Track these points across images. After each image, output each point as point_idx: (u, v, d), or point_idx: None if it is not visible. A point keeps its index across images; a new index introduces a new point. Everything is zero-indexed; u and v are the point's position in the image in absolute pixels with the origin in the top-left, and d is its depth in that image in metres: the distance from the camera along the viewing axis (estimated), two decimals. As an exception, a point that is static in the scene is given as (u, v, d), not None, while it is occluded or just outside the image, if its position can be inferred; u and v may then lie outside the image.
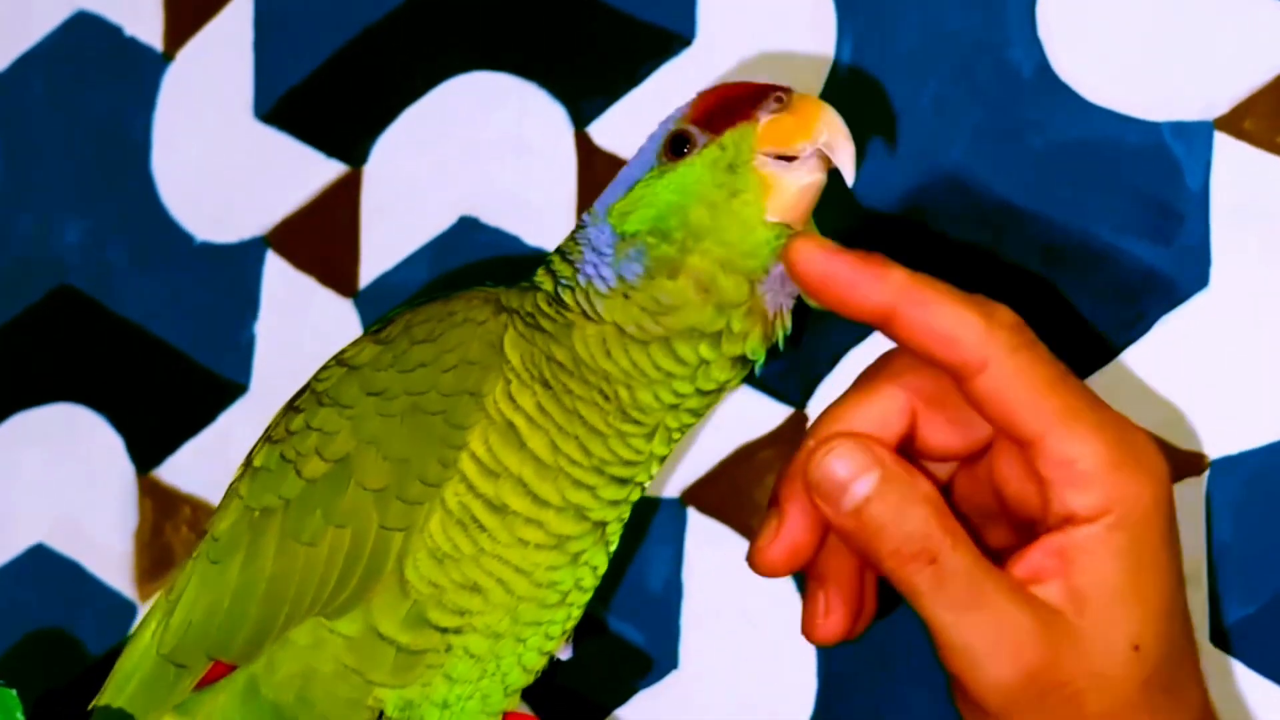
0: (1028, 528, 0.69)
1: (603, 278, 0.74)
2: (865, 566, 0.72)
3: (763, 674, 0.76)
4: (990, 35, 1.01)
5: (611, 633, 1.06)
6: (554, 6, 1.14)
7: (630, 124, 1.10)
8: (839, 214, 1.03)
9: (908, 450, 0.72)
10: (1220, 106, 0.95)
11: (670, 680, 1.04)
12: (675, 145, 0.75)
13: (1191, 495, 0.93)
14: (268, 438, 0.78)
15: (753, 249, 0.71)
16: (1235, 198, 0.95)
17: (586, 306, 0.74)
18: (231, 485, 0.79)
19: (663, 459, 0.78)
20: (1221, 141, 0.95)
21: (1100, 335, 0.97)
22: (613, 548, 0.78)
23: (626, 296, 0.73)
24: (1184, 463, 0.94)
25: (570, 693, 1.04)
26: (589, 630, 1.05)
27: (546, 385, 0.73)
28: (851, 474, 0.67)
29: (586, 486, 0.74)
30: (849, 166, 0.72)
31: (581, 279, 0.75)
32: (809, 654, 0.97)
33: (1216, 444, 0.94)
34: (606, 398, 0.73)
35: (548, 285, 0.77)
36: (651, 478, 0.79)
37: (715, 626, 1.03)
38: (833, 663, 0.98)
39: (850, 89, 1.04)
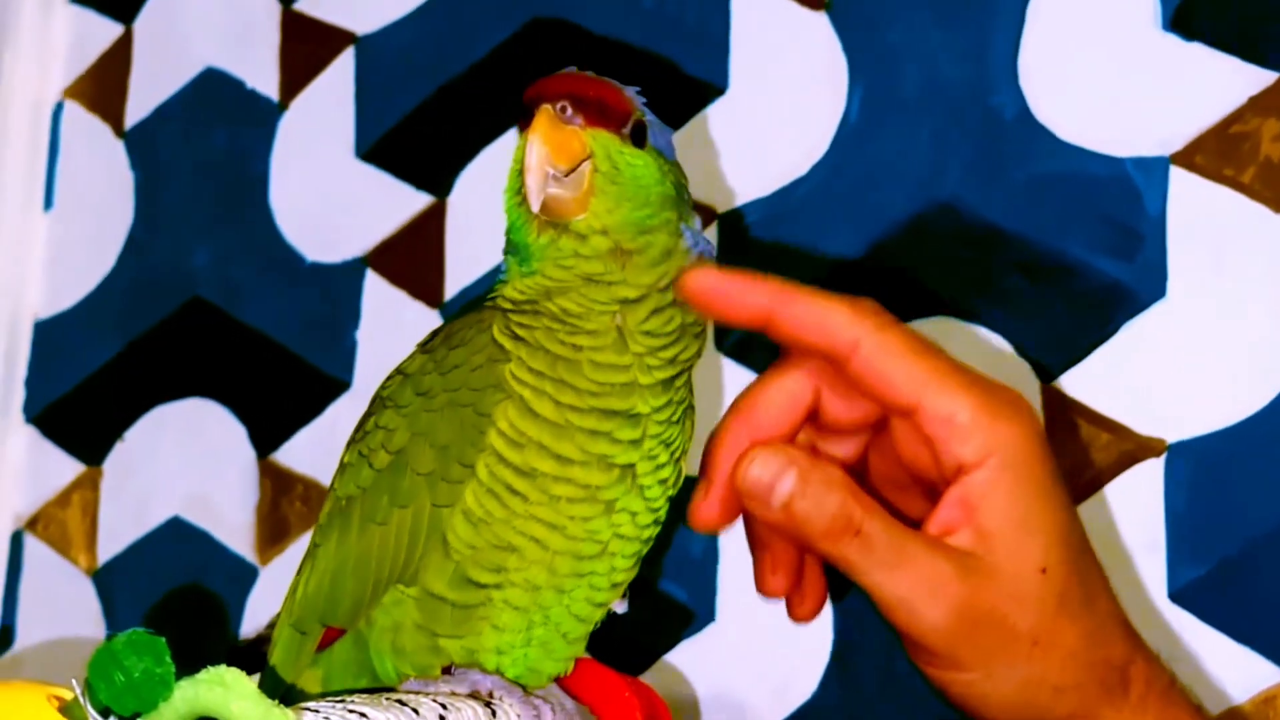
0: (934, 492, 0.68)
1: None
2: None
3: (788, 627, 0.76)
4: (978, 84, 1.01)
5: (659, 591, 1.06)
6: (608, 61, 1.14)
7: (679, 158, 1.11)
8: (848, 241, 1.04)
9: (817, 425, 0.70)
10: (1175, 144, 0.95)
11: (709, 631, 1.05)
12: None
13: (1151, 474, 0.93)
14: (352, 439, 0.79)
15: (525, 246, 0.74)
16: (1188, 221, 0.95)
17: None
18: (331, 482, 0.80)
19: (664, 389, 0.76)
20: (1176, 174, 0.95)
21: (1073, 338, 0.97)
22: (652, 494, 0.76)
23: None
24: (1145, 446, 0.94)
25: (626, 640, 1.05)
26: (641, 590, 1.06)
27: (520, 340, 0.73)
28: (774, 476, 0.65)
29: (602, 433, 0.73)
30: (532, 197, 0.71)
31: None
32: (827, 611, 0.97)
33: (1173, 430, 0.93)
34: (556, 320, 0.73)
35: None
36: (666, 410, 0.76)
37: (747, 587, 1.03)
38: (846, 616, 0.99)
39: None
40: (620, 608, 0.77)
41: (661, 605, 1.06)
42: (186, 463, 1.28)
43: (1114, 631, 0.67)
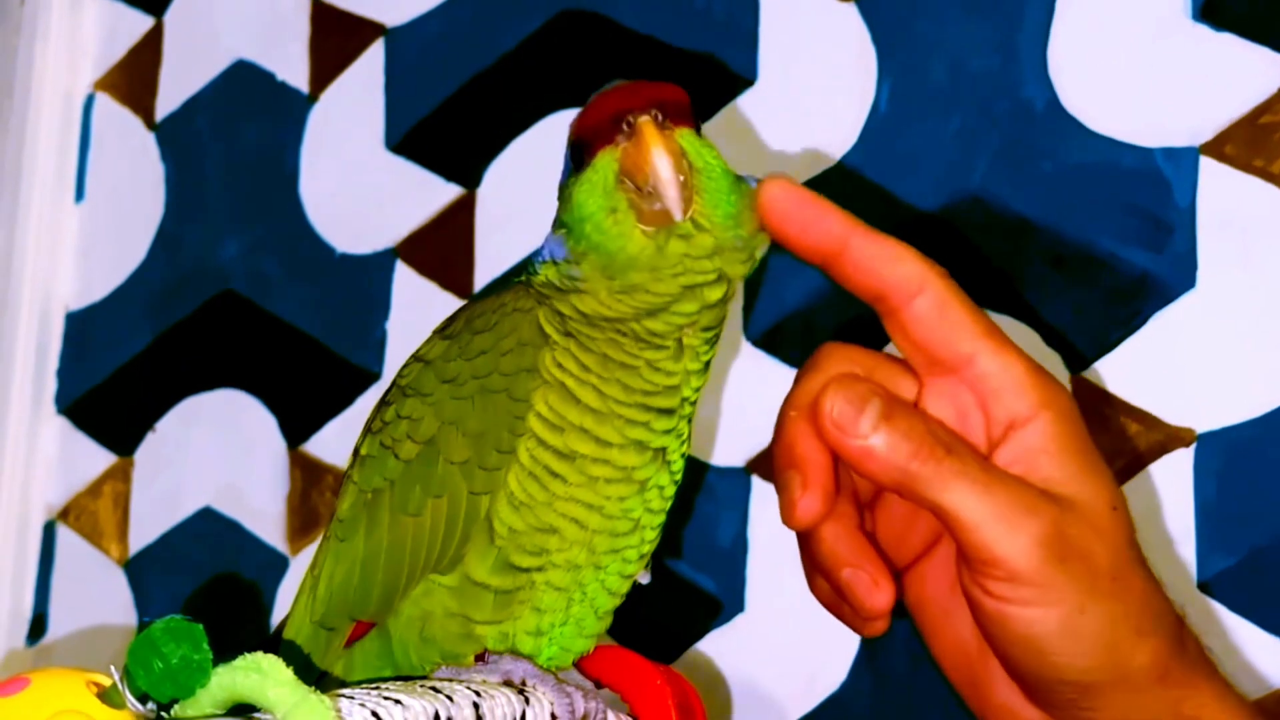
0: None
1: (552, 251, 0.72)
2: (831, 456, 0.66)
3: (816, 616, 0.76)
4: (1007, 75, 1.01)
5: (689, 581, 1.07)
6: (637, 52, 1.15)
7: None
8: (878, 226, 1.04)
9: None
10: (1205, 134, 0.95)
11: (738, 621, 1.05)
12: (575, 157, 0.71)
13: (1181, 464, 0.93)
14: (369, 429, 0.78)
15: (631, 259, 0.68)
16: (1218, 212, 0.95)
17: (538, 276, 0.73)
18: (346, 472, 0.79)
19: (700, 373, 0.74)
20: (1206, 164, 0.95)
21: (1102, 329, 0.97)
22: (676, 467, 0.76)
23: (557, 267, 0.71)
24: (1175, 436, 0.94)
25: (656, 628, 1.05)
26: (670, 582, 1.06)
27: (579, 343, 0.72)
28: (862, 400, 0.63)
29: (640, 423, 0.72)
30: (675, 207, 0.67)
31: (537, 257, 0.74)
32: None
33: (1203, 420, 0.93)
34: (623, 334, 0.71)
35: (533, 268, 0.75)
36: (696, 391, 0.75)
37: (776, 577, 1.03)
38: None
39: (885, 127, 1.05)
40: (644, 578, 0.77)
41: (691, 595, 1.06)
42: (217, 453, 1.29)
43: (1163, 589, 0.66)
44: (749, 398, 1.05)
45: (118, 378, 1.35)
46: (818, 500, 0.66)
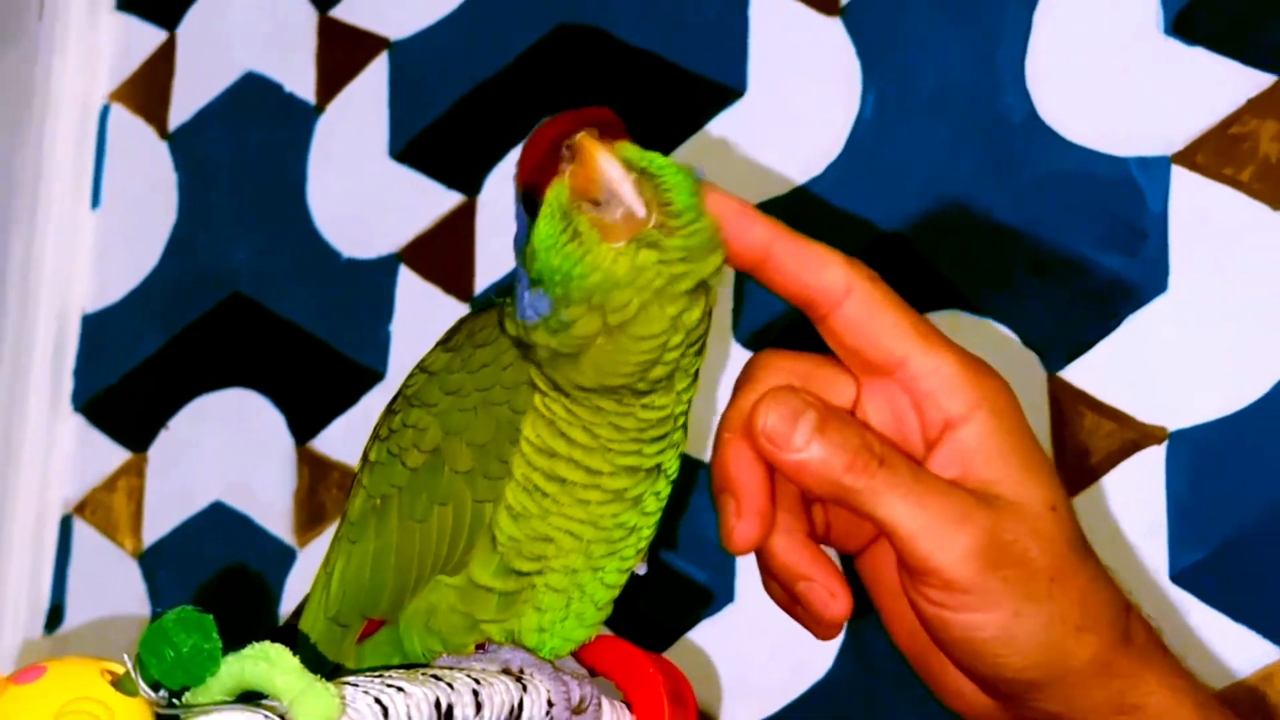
0: None
1: (535, 309, 0.66)
2: (768, 475, 0.64)
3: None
4: (987, 87, 1.01)
5: (681, 573, 1.07)
6: (631, 65, 1.15)
7: (695, 162, 1.10)
8: (862, 237, 1.04)
9: None
10: (1177, 144, 0.95)
11: (728, 611, 1.05)
12: (528, 206, 0.65)
13: (1154, 461, 0.93)
14: (376, 435, 0.76)
15: (609, 276, 0.62)
16: (1189, 219, 0.94)
17: (524, 335, 0.68)
18: (356, 476, 0.78)
19: (690, 385, 0.70)
20: (1178, 173, 0.95)
21: (1078, 330, 0.97)
22: (671, 471, 0.72)
23: (548, 325, 0.65)
24: (1148, 434, 0.94)
25: (649, 619, 1.05)
26: (664, 574, 1.06)
27: (566, 395, 0.68)
28: (795, 414, 0.61)
29: (631, 453, 0.70)
30: (635, 204, 0.62)
31: (519, 314, 0.67)
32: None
33: (1175, 419, 0.93)
34: (617, 390, 0.68)
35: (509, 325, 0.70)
36: (688, 403, 0.71)
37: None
38: (861, 594, 0.98)
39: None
40: (641, 569, 0.76)
41: (682, 586, 1.06)
42: (228, 450, 1.29)
43: (1112, 578, 0.65)
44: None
45: (132, 377, 1.35)
46: (753, 526, 0.64)
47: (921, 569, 0.61)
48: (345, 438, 1.23)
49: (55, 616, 1.34)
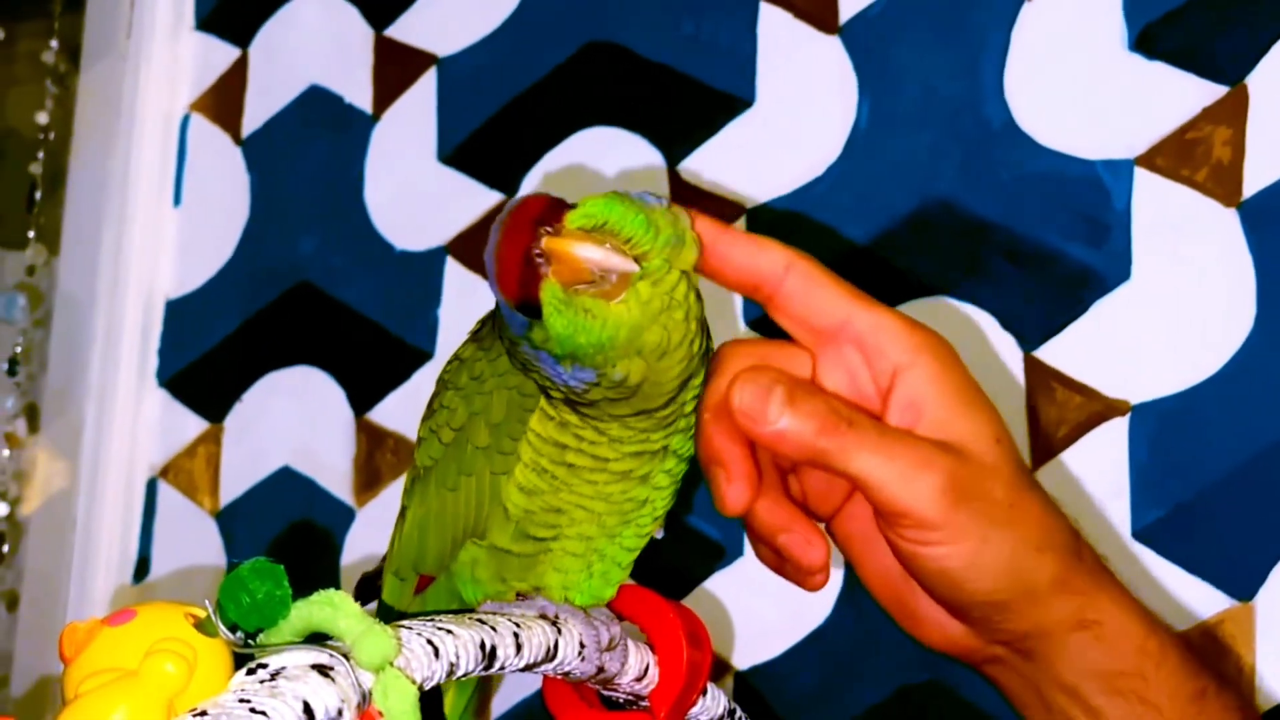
0: None
1: (579, 379, 0.64)
2: (749, 445, 0.64)
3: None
4: (970, 98, 1.01)
5: (697, 530, 1.07)
6: (652, 78, 1.14)
7: (709, 165, 1.11)
8: (857, 231, 1.04)
9: None
10: (1139, 148, 0.95)
11: (738, 564, 1.05)
12: (528, 312, 0.62)
13: (1117, 430, 0.93)
14: (424, 416, 0.76)
15: (630, 327, 0.61)
16: (1150, 215, 0.94)
17: (574, 395, 0.65)
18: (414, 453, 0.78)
19: (698, 372, 0.67)
20: (1140, 174, 0.95)
21: (1050, 314, 0.97)
22: (684, 452, 0.70)
23: (602, 387, 0.64)
24: (1112, 407, 0.94)
25: (669, 571, 1.05)
26: (681, 532, 1.06)
27: (576, 408, 0.66)
28: (766, 390, 0.61)
29: (638, 441, 0.68)
30: (627, 267, 0.60)
31: (559, 380, 0.65)
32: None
33: (1137, 393, 0.93)
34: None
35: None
36: (698, 386, 0.66)
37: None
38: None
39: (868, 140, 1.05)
40: (659, 534, 0.76)
41: (697, 542, 1.06)
42: (294, 420, 1.29)
43: (1057, 504, 0.64)
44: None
45: (210, 356, 1.35)
46: (744, 488, 0.64)
47: (895, 512, 0.61)
48: (399, 410, 1.23)
49: (142, 568, 1.34)
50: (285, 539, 1.26)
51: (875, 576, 0.67)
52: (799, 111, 1.08)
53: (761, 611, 1.03)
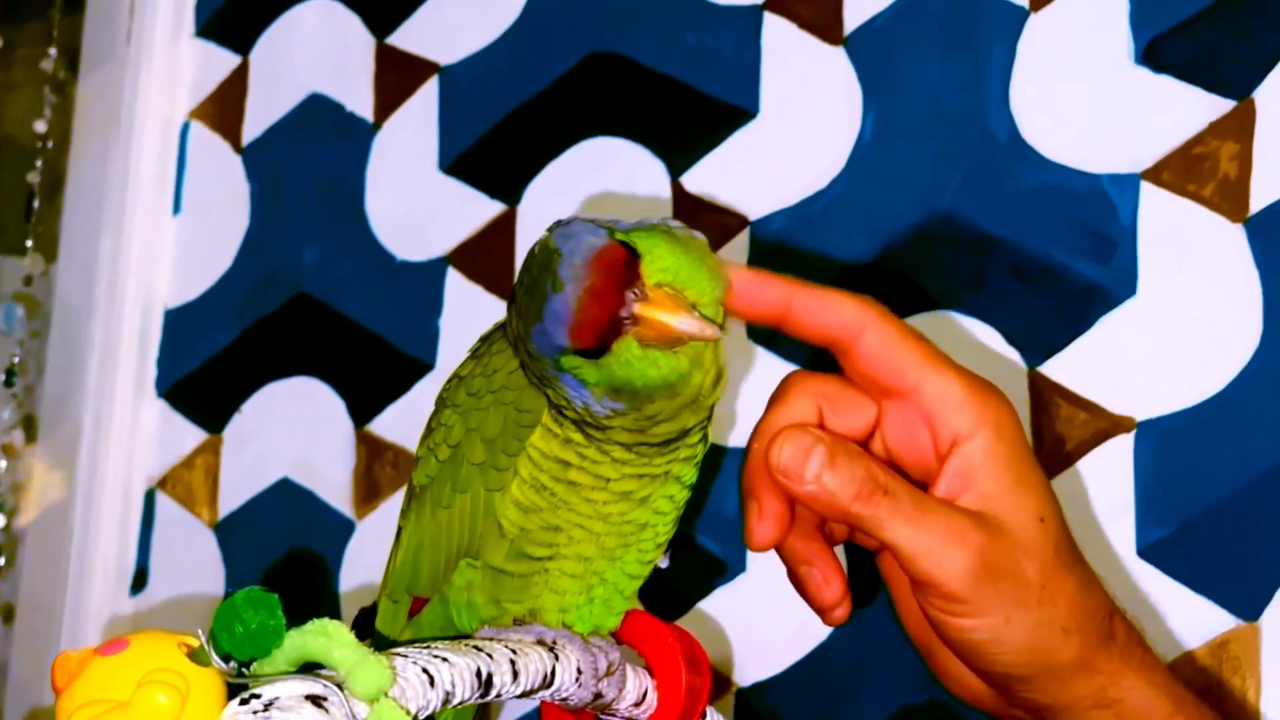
0: (921, 486, 0.65)
1: (607, 408, 0.64)
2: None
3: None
4: (975, 110, 1.01)
5: (697, 544, 1.06)
6: (655, 89, 1.14)
7: (712, 177, 1.11)
8: (861, 245, 1.04)
9: None
10: (1145, 162, 0.95)
11: (740, 580, 1.05)
12: (589, 355, 0.62)
13: (1123, 448, 0.93)
14: (422, 437, 0.76)
15: (678, 377, 0.62)
16: (1156, 230, 0.94)
17: (589, 417, 0.65)
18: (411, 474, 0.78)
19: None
20: (1146, 189, 0.95)
21: (1055, 330, 0.97)
22: (687, 479, 0.70)
23: (628, 418, 0.64)
24: (1118, 424, 0.93)
25: (666, 588, 1.05)
26: (681, 544, 1.06)
27: (583, 428, 0.67)
28: (805, 452, 0.63)
29: (641, 463, 0.68)
30: (712, 334, 0.61)
31: (580, 403, 0.64)
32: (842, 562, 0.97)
33: (1142, 410, 0.93)
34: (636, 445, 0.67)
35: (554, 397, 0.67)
36: (705, 414, 0.67)
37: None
38: (857, 565, 0.98)
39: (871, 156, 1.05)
40: (663, 563, 0.75)
41: (699, 558, 1.06)
42: (294, 432, 1.29)
43: (1098, 584, 0.66)
44: (751, 391, 1.05)
45: (209, 366, 1.35)
46: (771, 527, 0.66)
47: (924, 583, 0.63)
48: (398, 422, 1.23)
49: (140, 579, 1.35)
50: (284, 552, 1.26)
51: (910, 621, 0.69)
52: (803, 123, 1.08)
53: (763, 628, 1.03)
